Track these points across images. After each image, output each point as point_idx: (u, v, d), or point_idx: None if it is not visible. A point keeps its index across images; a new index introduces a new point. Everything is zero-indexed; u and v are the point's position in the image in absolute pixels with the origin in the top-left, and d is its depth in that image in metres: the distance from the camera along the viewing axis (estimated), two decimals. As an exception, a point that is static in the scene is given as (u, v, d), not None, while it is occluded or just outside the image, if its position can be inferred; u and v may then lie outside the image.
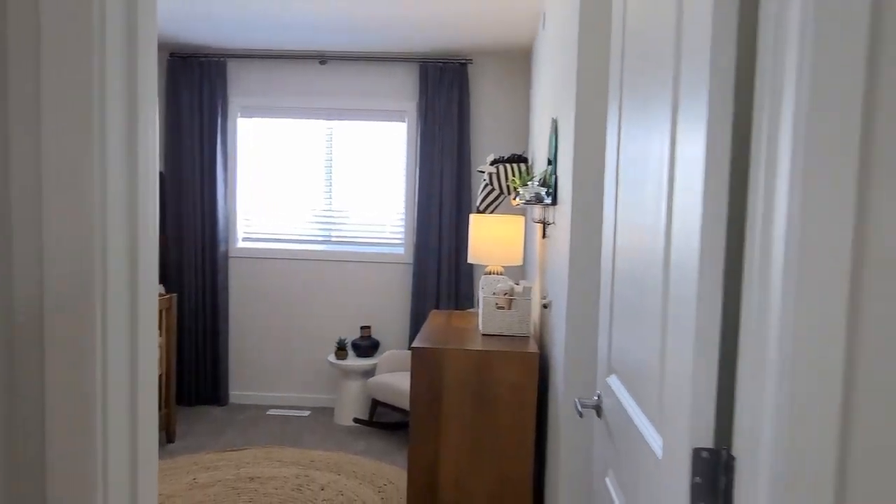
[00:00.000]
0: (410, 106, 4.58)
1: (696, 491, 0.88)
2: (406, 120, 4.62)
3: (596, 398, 1.60)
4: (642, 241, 1.22)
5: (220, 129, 4.58)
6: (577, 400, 1.58)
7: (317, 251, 4.73)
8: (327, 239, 4.78)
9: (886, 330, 0.73)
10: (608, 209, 1.58)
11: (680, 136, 0.99)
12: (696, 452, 0.88)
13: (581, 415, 1.53)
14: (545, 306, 2.57)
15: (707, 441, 0.88)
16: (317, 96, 4.64)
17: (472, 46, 4.31)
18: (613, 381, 1.46)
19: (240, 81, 4.68)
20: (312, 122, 4.71)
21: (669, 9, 1.07)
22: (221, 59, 4.57)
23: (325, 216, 4.77)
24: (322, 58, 4.55)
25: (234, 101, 4.68)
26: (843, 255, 0.72)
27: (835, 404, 0.73)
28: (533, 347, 2.49)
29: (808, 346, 0.73)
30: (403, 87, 4.59)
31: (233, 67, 4.66)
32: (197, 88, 4.58)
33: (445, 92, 4.43)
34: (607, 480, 1.49)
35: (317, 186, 4.76)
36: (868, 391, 0.74)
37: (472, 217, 3.14)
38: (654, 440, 1.07)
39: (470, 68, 4.52)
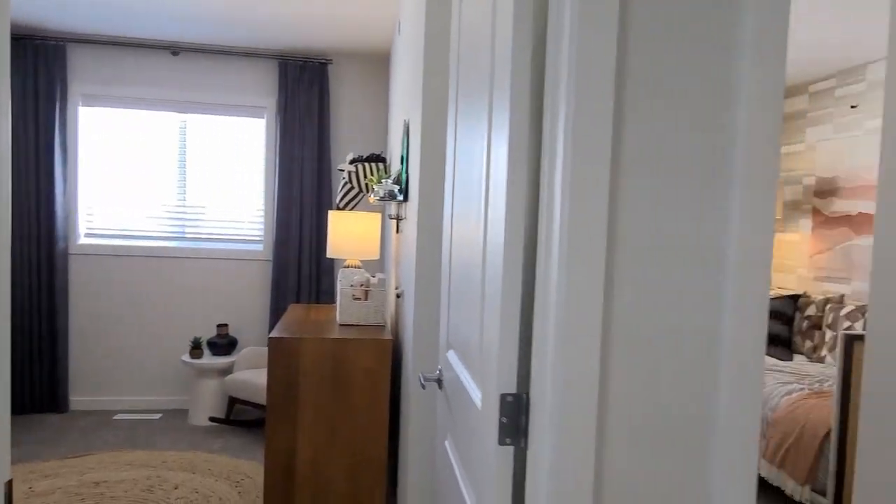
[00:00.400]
0: (270, 102, 4.58)
1: (503, 429, 1.08)
2: (265, 116, 4.61)
3: (437, 372, 1.80)
4: (469, 235, 1.42)
5: (57, 117, 4.29)
6: (420, 374, 1.76)
7: (169, 248, 4.57)
8: (181, 235, 4.64)
9: (632, 300, 0.97)
10: (447, 206, 1.78)
11: (493, 141, 1.19)
12: (503, 397, 1.08)
13: (424, 387, 1.71)
14: (398, 296, 2.74)
15: (511, 388, 1.09)
16: (169, 88, 4.49)
17: (332, 47, 4.40)
18: (451, 355, 1.66)
19: (82, 68, 4.41)
20: (164, 115, 4.55)
21: (486, 35, 1.28)
22: (60, 42, 4.28)
23: (178, 212, 4.62)
24: (174, 49, 4.42)
25: (75, 88, 4.40)
26: (600, 240, 0.95)
27: (594, 355, 0.96)
28: (387, 335, 2.65)
29: (576, 316, 0.95)
30: (262, 83, 4.57)
31: (74, 52, 4.38)
32: (31, 73, 4.25)
33: (305, 90, 4.48)
34: (446, 443, 1.69)
35: (169, 181, 4.60)
36: (619, 347, 0.98)
37: (331, 214, 3.25)
38: (476, 395, 1.27)
39: (330, 68, 4.60)
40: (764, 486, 3.66)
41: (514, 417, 1.08)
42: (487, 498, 1.14)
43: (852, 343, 2.91)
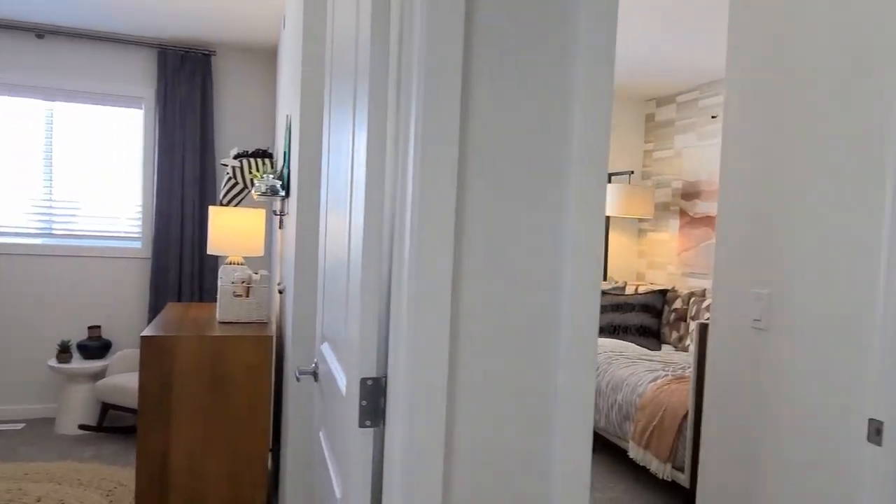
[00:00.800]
0: (148, 93, 4.37)
1: (363, 412, 1.13)
2: (143, 107, 4.39)
3: (313, 365, 1.81)
4: (339, 228, 1.45)
5: None
6: (296, 368, 1.77)
7: (34, 245, 4.25)
8: (48, 232, 4.32)
9: (479, 285, 1.04)
10: (323, 201, 1.80)
11: (356, 136, 1.23)
12: (363, 381, 1.13)
13: (298, 379, 1.72)
14: (280, 292, 2.72)
15: (371, 372, 1.13)
16: (33, 73, 4.17)
17: (216, 38, 4.27)
18: (325, 348, 1.69)
19: (-71, 47, 4.01)
20: (27, 102, 4.23)
21: (352, 31, 1.32)
22: None
23: (44, 207, 4.30)
24: (39, 31, 4.11)
25: (-79, 68, 4.00)
26: (448, 231, 1.01)
27: (444, 338, 1.02)
28: (269, 331, 2.63)
29: (427, 302, 1.01)
30: (139, 72, 4.35)
31: (-81, 29, 3.98)
32: None
33: (187, 81, 4.31)
34: (321, 434, 1.71)
35: (34, 174, 4.28)
36: (468, 330, 1.05)
37: (212, 209, 3.16)
38: (342, 382, 1.31)
39: (214, 60, 4.45)
40: (633, 466, 3.94)
41: (374, 400, 1.13)
42: (351, 480, 1.18)
43: (705, 331, 3.20)
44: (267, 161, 3.64)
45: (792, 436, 1.75)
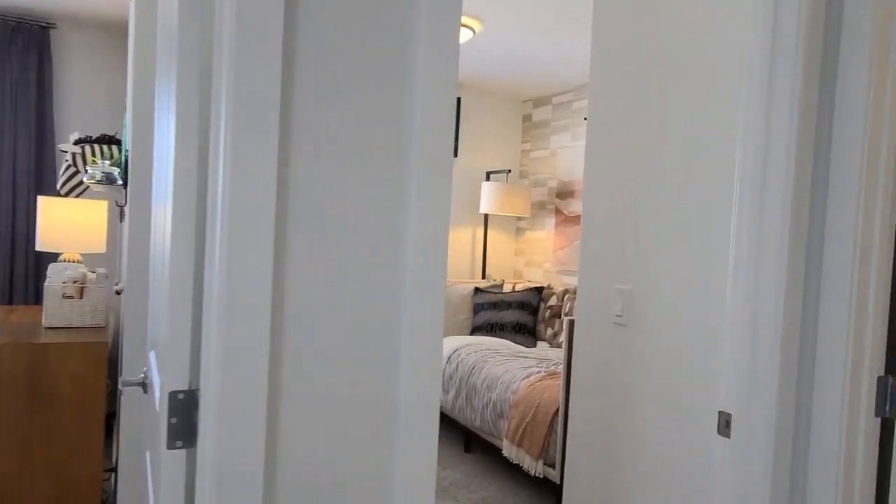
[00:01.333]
0: (-29, 67, 3.82)
1: (172, 431, 0.95)
2: (-35, 83, 3.83)
3: (142, 375, 1.59)
4: (161, 222, 1.26)
5: None
6: (120, 379, 1.54)
7: None
8: None
9: (306, 283, 0.91)
10: (153, 192, 1.59)
11: (170, 118, 1.06)
12: (173, 395, 0.96)
13: (121, 392, 1.50)
14: (118, 292, 2.43)
15: (182, 384, 0.97)
16: None
17: (55, 9, 3.80)
18: (152, 356, 1.48)
19: None
20: None
21: (173, 22, 1.14)
22: None
23: None
24: None
25: None
26: (267, 222, 0.87)
27: (263, 341, 0.88)
28: (103, 337, 2.33)
29: (242, 301, 0.86)
30: (-39, 42, 3.79)
31: None
32: None
33: (19, 56, 3.81)
34: (148, 454, 1.50)
35: None
36: (293, 332, 0.91)
37: (42, 200, 2.79)
38: (157, 395, 1.13)
39: (53, 34, 3.97)
40: (508, 465, 3.95)
41: (187, 417, 0.96)
42: (162, 512, 1.01)
43: (573, 327, 3.25)
44: (115, 148, 3.28)
45: (651, 429, 1.76)
